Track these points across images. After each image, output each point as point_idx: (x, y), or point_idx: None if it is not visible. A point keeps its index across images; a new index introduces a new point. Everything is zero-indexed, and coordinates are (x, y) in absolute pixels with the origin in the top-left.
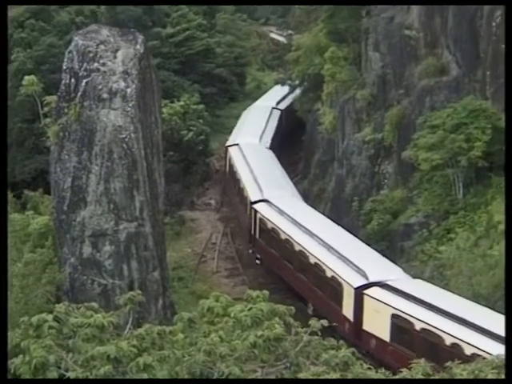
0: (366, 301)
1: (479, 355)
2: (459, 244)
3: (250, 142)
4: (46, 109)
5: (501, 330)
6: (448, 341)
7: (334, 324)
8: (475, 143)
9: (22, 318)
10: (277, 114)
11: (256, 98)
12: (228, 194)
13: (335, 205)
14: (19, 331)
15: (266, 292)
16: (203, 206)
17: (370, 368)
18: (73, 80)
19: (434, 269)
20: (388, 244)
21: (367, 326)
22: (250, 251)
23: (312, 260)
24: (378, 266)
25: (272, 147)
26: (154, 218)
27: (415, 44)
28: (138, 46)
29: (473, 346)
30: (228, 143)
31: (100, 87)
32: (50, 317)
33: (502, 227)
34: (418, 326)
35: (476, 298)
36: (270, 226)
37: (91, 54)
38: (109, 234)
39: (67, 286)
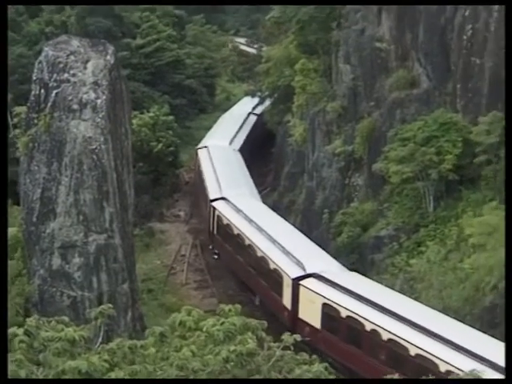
0: (302, 291)
1: (394, 340)
2: (430, 257)
3: (218, 144)
4: (15, 119)
5: (416, 318)
6: (368, 327)
7: (308, 338)
8: (446, 156)
9: None
10: (253, 118)
11: (226, 110)
12: (195, 196)
13: (305, 217)
14: None
15: (238, 306)
16: (172, 217)
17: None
18: (43, 91)
19: (404, 282)
20: (358, 257)
21: (302, 314)
22: (210, 247)
23: (259, 253)
24: (317, 259)
25: (242, 149)
26: (124, 229)
27: (386, 56)
28: (108, 57)
29: (389, 331)
30: (198, 146)
31: (70, 98)
32: (20, 331)
33: (472, 240)
34: (344, 313)
35: (446, 311)
36: (225, 222)
37: (61, 65)
38: (78, 246)
39: (36, 298)
